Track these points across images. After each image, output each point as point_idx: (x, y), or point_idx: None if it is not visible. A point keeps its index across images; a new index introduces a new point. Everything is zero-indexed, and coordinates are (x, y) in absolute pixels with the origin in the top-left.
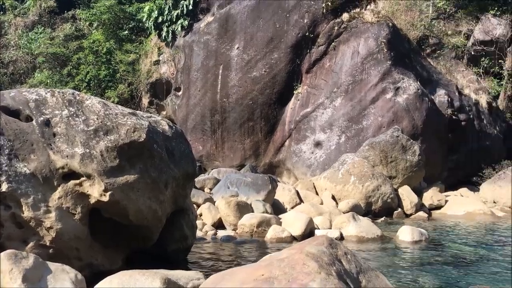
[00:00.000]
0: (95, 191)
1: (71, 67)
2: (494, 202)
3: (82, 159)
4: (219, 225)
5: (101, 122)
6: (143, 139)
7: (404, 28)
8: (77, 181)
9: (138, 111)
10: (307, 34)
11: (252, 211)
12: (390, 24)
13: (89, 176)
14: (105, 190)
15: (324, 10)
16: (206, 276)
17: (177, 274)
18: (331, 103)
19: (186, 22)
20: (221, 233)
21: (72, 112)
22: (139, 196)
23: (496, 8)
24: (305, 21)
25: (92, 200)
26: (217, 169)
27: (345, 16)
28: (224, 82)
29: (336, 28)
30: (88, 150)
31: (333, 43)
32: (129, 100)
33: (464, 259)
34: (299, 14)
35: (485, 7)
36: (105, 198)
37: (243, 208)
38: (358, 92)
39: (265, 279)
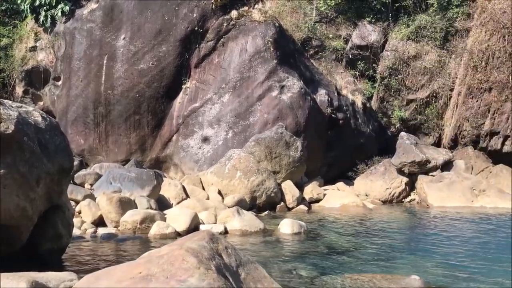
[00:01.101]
0: None
1: None
2: (366, 195)
3: None
4: (99, 222)
5: None
6: (11, 131)
7: (290, 29)
8: None
9: (6, 101)
10: (196, 28)
11: (136, 208)
12: (277, 24)
13: None
14: None
15: (213, 6)
16: (82, 277)
17: (47, 276)
18: (219, 98)
19: (67, 8)
20: (101, 231)
21: None
22: (6, 193)
23: (371, 16)
24: (194, 15)
25: None
26: (99, 164)
27: (234, 13)
28: (109, 73)
29: (225, 24)
30: None
31: (222, 39)
32: (0, 89)
33: (339, 248)
34: (188, 8)
35: (362, 14)
36: None
37: (126, 205)
38: (245, 89)
39: (142, 277)
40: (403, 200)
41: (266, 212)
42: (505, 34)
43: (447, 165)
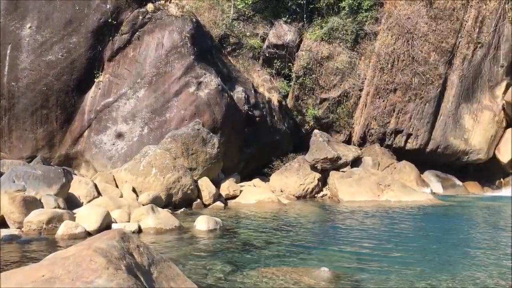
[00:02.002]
0: None
1: None
2: (282, 191)
3: None
4: (1, 223)
5: None
6: None
7: (207, 25)
8: None
9: None
10: (109, 20)
11: (42, 207)
12: (194, 20)
13: None
14: None
15: None
16: None
17: None
18: (134, 93)
19: None
20: (3, 232)
21: None
22: None
23: (287, 16)
24: (108, 6)
25: None
26: (1, 161)
27: (150, 6)
28: (12, 64)
29: (140, 17)
30: None
31: (137, 33)
32: None
33: (254, 244)
34: None
35: (278, 14)
36: None
37: (31, 204)
38: (162, 84)
39: (45, 279)
40: (316, 195)
41: (182, 209)
42: (409, 39)
43: (356, 162)
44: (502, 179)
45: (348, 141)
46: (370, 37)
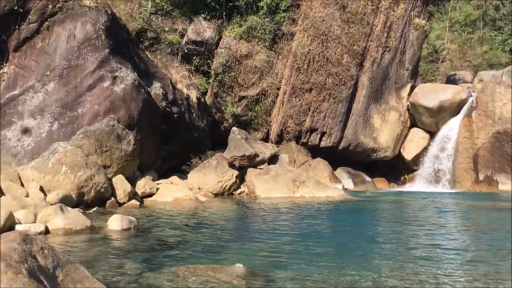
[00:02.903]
0: None
1: None
2: (199, 188)
3: None
4: None
5: None
6: None
7: (124, 18)
8: None
9: None
10: (15, 8)
11: None
12: (109, 11)
13: None
14: None
15: None
16: None
17: None
18: (43, 87)
19: None
20: None
21: None
22: None
23: (206, 13)
24: None
25: None
26: None
27: None
28: None
29: (50, 6)
30: None
31: (46, 23)
32: None
33: (170, 242)
34: None
35: (197, 10)
36: None
37: None
38: (73, 77)
39: None
40: (234, 192)
41: (95, 209)
42: (323, 41)
43: (273, 159)
44: (406, 175)
45: (266, 139)
46: (288, 37)
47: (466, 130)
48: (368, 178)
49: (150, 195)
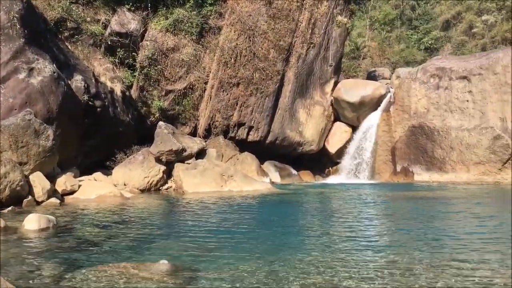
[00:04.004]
0: None
1: None
2: (125, 185)
3: None
4: None
5: None
6: None
7: (41, 6)
8: None
9: None
10: None
11: None
12: None
13: None
14: None
15: None
16: None
17: None
18: None
19: None
20: None
21: None
22: None
23: (131, 4)
24: None
25: None
26: None
27: None
28: None
29: None
30: None
31: None
32: None
33: (92, 241)
34: None
35: (121, 1)
36: None
37: None
38: None
39: None
40: (161, 188)
41: (10, 208)
42: (250, 36)
43: (201, 153)
44: (330, 168)
45: (193, 133)
46: (215, 31)
47: (385, 124)
48: (294, 171)
49: (72, 192)
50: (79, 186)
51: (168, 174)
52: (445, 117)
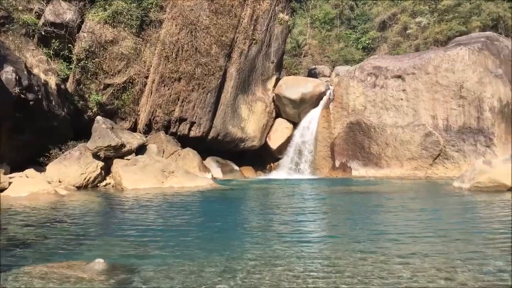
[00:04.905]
0: None
1: None
2: (60, 182)
3: None
4: None
5: None
6: None
7: None
8: None
9: None
10: None
11: None
12: None
13: None
14: None
15: None
16: None
17: None
18: None
19: None
20: None
21: None
22: None
23: None
24: None
25: None
26: None
27: None
28: None
29: None
30: None
31: None
32: None
33: (22, 241)
34: None
35: None
36: None
37: None
38: None
39: None
40: (99, 184)
41: None
42: (192, 30)
43: (141, 149)
44: (272, 164)
45: (133, 129)
46: (156, 25)
47: (325, 121)
48: (236, 167)
49: (1, 190)
50: (10, 183)
51: (107, 170)
52: (381, 114)
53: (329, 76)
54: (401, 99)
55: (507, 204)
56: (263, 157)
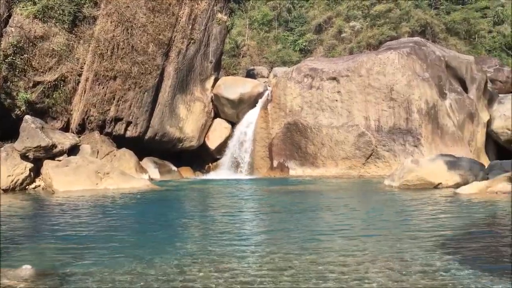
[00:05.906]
0: None
1: None
2: None
3: None
4: None
5: None
6: None
7: None
8: None
9: None
10: None
11: None
12: None
13: None
14: None
15: None
16: None
17: None
18: None
19: None
20: None
21: None
22: None
23: None
24: None
25: None
26: None
27: None
28: None
29: None
30: None
31: None
32: None
33: None
34: None
35: None
36: None
37: None
38: None
39: None
40: (28, 187)
41: None
42: (128, 28)
43: (74, 150)
44: (210, 164)
45: (66, 128)
46: (89, 21)
47: (263, 121)
48: (174, 168)
49: None
50: None
51: (36, 172)
52: (317, 115)
53: (267, 77)
54: (336, 100)
55: (433, 200)
56: (201, 157)
